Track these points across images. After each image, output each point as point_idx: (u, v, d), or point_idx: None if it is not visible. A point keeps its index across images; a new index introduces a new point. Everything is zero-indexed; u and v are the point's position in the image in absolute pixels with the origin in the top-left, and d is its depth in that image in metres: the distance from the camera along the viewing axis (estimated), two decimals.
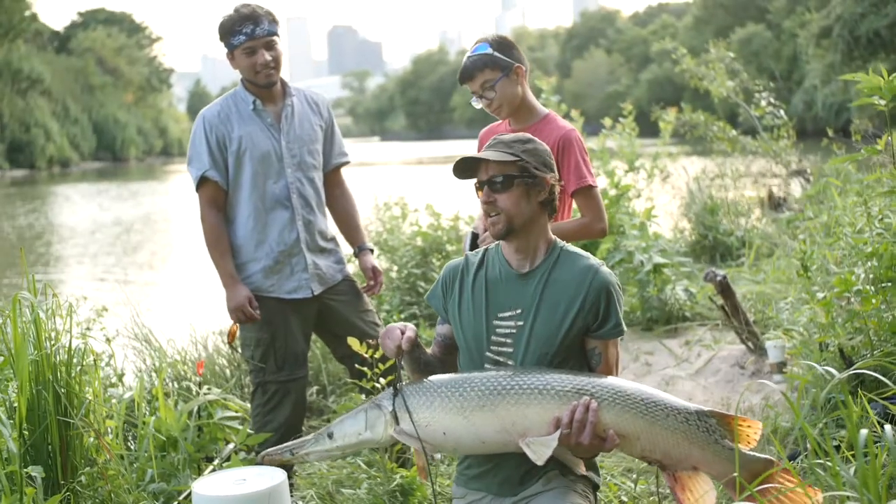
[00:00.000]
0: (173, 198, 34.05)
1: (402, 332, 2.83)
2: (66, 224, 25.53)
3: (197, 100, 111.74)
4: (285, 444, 2.93)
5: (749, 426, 2.66)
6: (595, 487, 2.94)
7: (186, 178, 4.31)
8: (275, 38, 4.15)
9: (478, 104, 3.99)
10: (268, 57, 4.11)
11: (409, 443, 2.76)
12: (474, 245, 4.03)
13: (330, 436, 2.84)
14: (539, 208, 2.87)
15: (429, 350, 3.03)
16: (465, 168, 2.92)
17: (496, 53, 3.92)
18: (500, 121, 4.14)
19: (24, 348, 3.67)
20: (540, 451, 2.60)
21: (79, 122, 74.30)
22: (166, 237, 22.80)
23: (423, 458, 2.88)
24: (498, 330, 2.88)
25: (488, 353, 2.88)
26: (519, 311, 2.86)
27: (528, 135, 2.95)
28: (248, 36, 4.08)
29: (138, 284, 13.93)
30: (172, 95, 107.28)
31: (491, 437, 2.70)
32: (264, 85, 4.16)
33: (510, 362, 2.85)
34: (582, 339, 2.87)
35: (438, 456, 4.24)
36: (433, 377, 2.83)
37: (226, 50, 4.18)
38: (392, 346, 2.82)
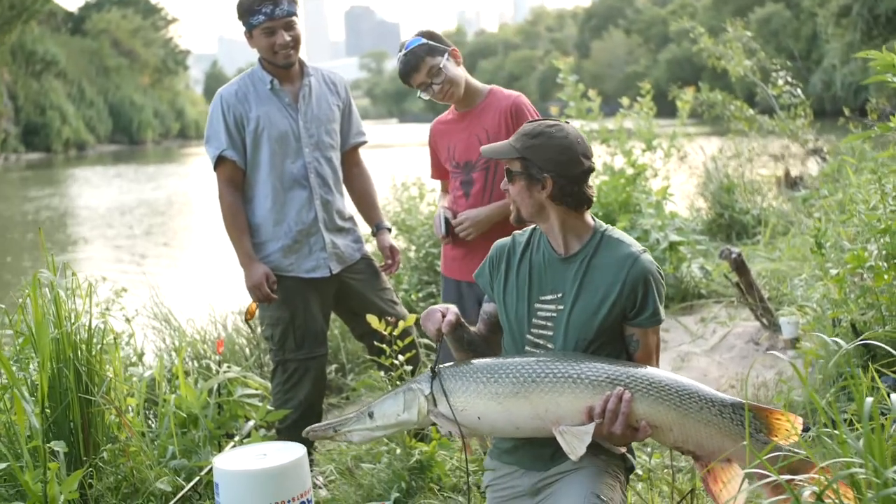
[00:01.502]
0: (192, 180, 34.14)
1: (444, 315, 2.85)
2: (85, 206, 25.67)
3: (214, 81, 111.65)
4: (329, 422, 2.98)
5: (787, 420, 2.61)
6: (629, 469, 2.94)
7: (204, 160, 4.35)
8: (294, 18, 4.17)
9: (426, 95, 4.13)
10: (287, 37, 4.14)
11: (445, 425, 2.79)
12: (448, 228, 4.12)
13: (370, 415, 2.88)
14: (549, 201, 2.84)
15: (473, 328, 3.03)
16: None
17: (430, 42, 4.07)
18: (447, 111, 4.28)
19: (45, 326, 3.72)
20: (573, 443, 2.62)
21: (94, 104, 74.22)
22: (185, 219, 22.91)
23: (472, 439, 2.91)
24: (539, 313, 2.88)
25: (529, 336, 2.89)
26: (560, 294, 2.86)
27: (545, 127, 2.88)
28: (267, 16, 4.10)
29: (158, 265, 14.02)
30: (189, 77, 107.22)
31: (525, 423, 2.72)
32: (283, 65, 4.20)
33: (550, 346, 2.86)
34: (621, 326, 2.86)
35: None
36: (471, 361, 2.84)
37: (244, 29, 4.21)
38: (433, 328, 2.85)
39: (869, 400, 2.23)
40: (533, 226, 3.00)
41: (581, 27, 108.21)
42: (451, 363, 2.87)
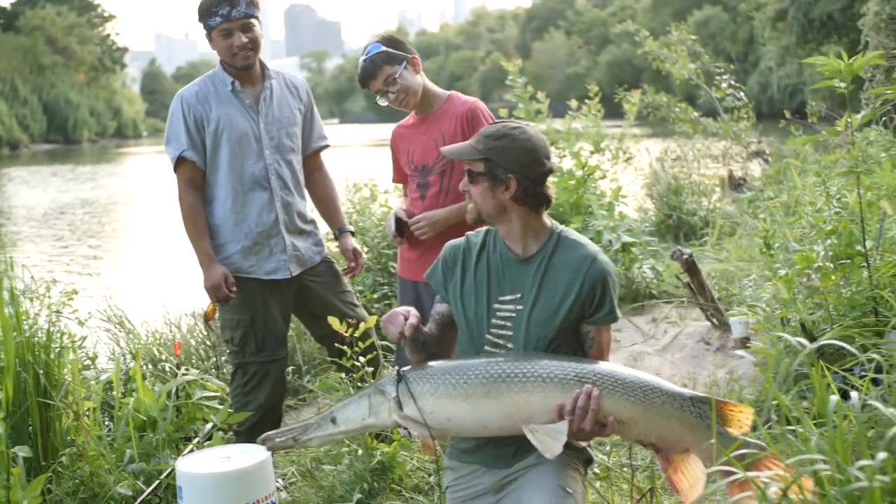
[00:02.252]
0: (131, 180, 33.73)
1: (406, 318, 2.86)
2: (22, 206, 25.22)
3: (151, 80, 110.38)
4: (288, 428, 2.96)
5: (741, 411, 2.72)
6: (587, 462, 3.01)
7: (143, 159, 4.35)
8: (252, 20, 4.15)
9: (383, 101, 4.23)
10: (244, 39, 4.12)
11: (413, 428, 2.79)
12: (399, 228, 4.16)
13: (333, 420, 2.88)
14: (511, 202, 2.88)
15: (426, 329, 3.04)
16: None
17: (390, 49, 4.13)
18: (408, 116, 4.34)
19: (9, 330, 3.69)
20: (548, 442, 2.65)
21: (28, 102, 72.73)
22: (130, 219, 22.61)
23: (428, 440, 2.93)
24: (498, 313, 2.92)
25: (488, 336, 2.93)
26: (519, 295, 2.91)
27: (508, 129, 2.92)
28: (224, 18, 4.09)
29: (106, 267, 13.83)
30: (126, 75, 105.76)
31: (494, 423, 2.75)
32: (241, 67, 4.19)
33: (510, 345, 2.90)
34: (576, 323, 2.92)
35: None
36: (435, 363, 2.86)
37: (204, 32, 4.20)
38: (395, 331, 2.85)
39: (834, 398, 2.30)
40: (487, 227, 3.04)
41: (522, 28, 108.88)
42: (414, 366, 2.88)
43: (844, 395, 2.66)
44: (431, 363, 2.86)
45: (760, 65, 47.60)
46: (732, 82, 11.50)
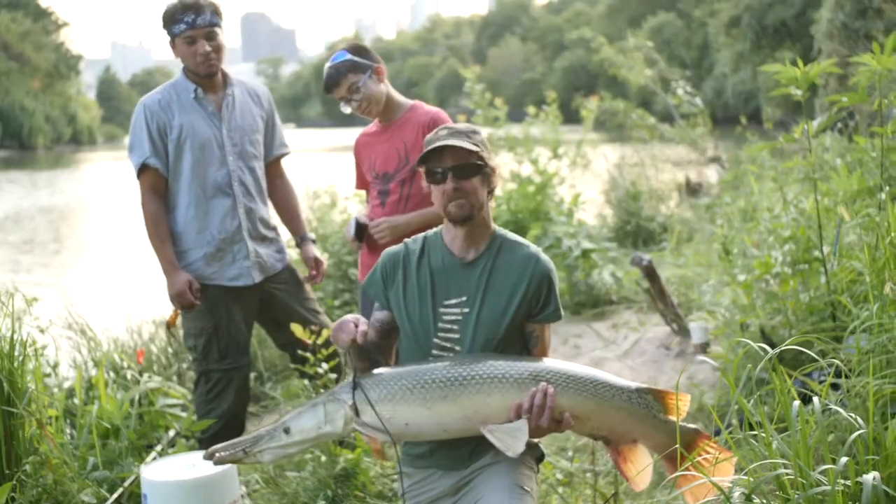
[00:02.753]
0: (89, 186, 33.38)
1: (356, 325, 2.85)
2: None
3: (107, 87, 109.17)
4: (237, 441, 2.83)
5: (679, 399, 2.85)
6: (540, 459, 3.06)
7: (99, 166, 4.33)
8: (216, 29, 4.16)
9: (347, 109, 4.25)
10: (207, 48, 4.13)
11: (372, 434, 2.79)
12: (359, 232, 4.19)
13: (286, 430, 2.81)
14: (488, 197, 2.95)
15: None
16: (428, 157, 2.94)
17: (356, 58, 4.17)
18: (371, 124, 4.37)
19: None
20: (508, 441, 2.69)
21: None
22: (88, 226, 22.35)
23: (383, 445, 2.93)
24: (444, 317, 2.94)
25: (435, 340, 2.94)
26: (464, 298, 2.93)
27: (472, 127, 3.00)
28: (188, 25, 4.09)
29: (66, 274, 13.67)
30: (81, 82, 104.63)
31: (453, 426, 2.77)
32: (204, 75, 4.18)
33: (457, 348, 2.92)
34: (521, 323, 2.96)
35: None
36: (388, 369, 2.86)
37: (168, 38, 4.19)
38: (346, 338, 2.83)
39: (796, 404, 2.34)
40: (424, 233, 3.07)
41: (478, 34, 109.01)
42: (366, 373, 2.86)
43: (804, 400, 2.71)
44: (383, 370, 2.87)
45: (715, 70, 48.02)
46: (688, 89, 11.61)
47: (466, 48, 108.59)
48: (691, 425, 2.88)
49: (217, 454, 2.78)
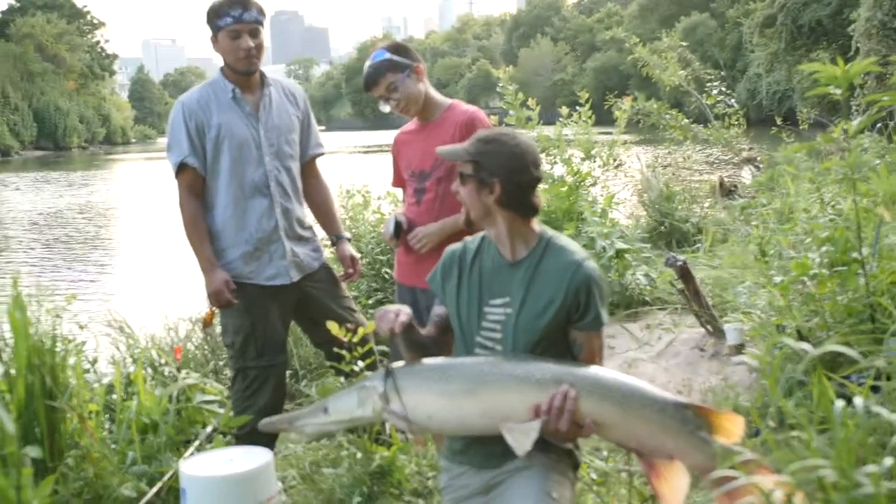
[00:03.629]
0: (123, 185, 33.71)
1: (397, 315, 2.89)
2: (21, 212, 25.21)
3: (139, 87, 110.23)
4: (284, 415, 3.05)
5: (729, 420, 2.70)
6: (576, 466, 3.02)
7: (133, 165, 4.37)
8: (260, 27, 4.19)
9: (385, 107, 4.27)
10: (251, 43, 4.16)
11: (396, 423, 2.84)
12: (397, 231, 4.20)
13: (325, 410, 2.92)
14: (496, 205, 2.91)
15: (424, 330, 3.08)
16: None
17: (395, 57, 4.18)
18: (410, 122, 4.39)
19: (22, 334, 3.73)
20: (520, 439, 2.67)
21: (19, 109, 73.09)
22: (124, 225, 22.57)
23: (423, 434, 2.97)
24: (488, 317, 2.95)
25: (479, 339, 2.96)
26: (507, 299, 2.93)
27: (498, 134, 2.97)
28: (235, 19, 4.12)
29: (103, 271, 13.80)
30: (115, 82, 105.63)
31: (473, 422, 2.78)
32: (244, 71, 4.21)
33: (499, 348, 2.92)
34: (565, 329, 2.94)
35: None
36: (423, 361, 2.91)
37: (210, 34, 4.22)
38: (385, 327, 2.89)
39: (839, 404, 2.32)
40: (483, 232, 3.07)
41: (508, 35, 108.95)
42: (406, 363, 2.91)
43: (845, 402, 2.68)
44: (423, 361, 2.91)
45: (749, 71, 47.77)
46: (723, 89, 11.55)
47: (497, 48, 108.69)
48: (746, 451, 2.62)
49: (269, 424, 3.01)
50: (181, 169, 4.21)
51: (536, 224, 3.00)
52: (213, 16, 4.18)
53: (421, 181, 4.25)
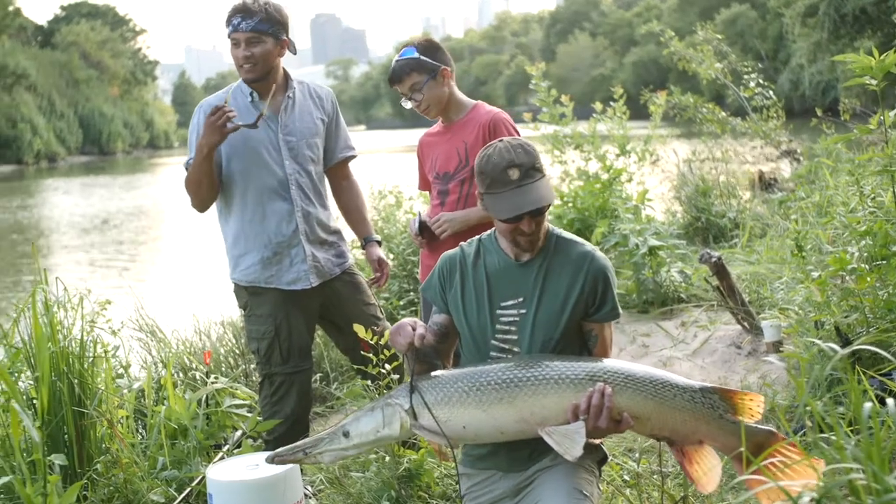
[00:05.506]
0: (165, 190, 34.06)
1: (414, 329, 2.87)
2: (62, 216, 25.56)
3: (182, 92, 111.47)
4: (298, 444, 2.93)
5: (751, 399, 2.79)
6: (602, 461, 3.04)
7: (176, 169, 4.36)
8: (263, 35, 4.09)
9: (407, 104, 4.26)
10: (245, 52, 4.10)
11: (430, 438, 2.83)
12: (422, 228, 4.20)
13: (346, 434, 2.87)
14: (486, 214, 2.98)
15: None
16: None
17: (422, 57, 4.16)
18: (435, 124, 4.38)
19: (45, 341, 3.74)
20: (565, 444, 2.67)
21: (65, 116, 74.22)
22: (161, 229, 22.78)
23: (441, 445, 2.93)
24: (501, 318, 2.95)
25: (493, 342, 2.95)
26: (521, 299, 2.94)
27: (527, 144, 2.92)
28: (233, 28, 4.10)
29: (138, 275, 13.94)
30: (157, 88, 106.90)
31: (510, 428, 2.77)
32: (245, 80, 4.18)
33: (515, 349, 2.93)
34: (579, 323, 2.96)
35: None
36: (444, 372, 2.88)
37: None
38: (404, 342, 2.86)
39: (868, 405, 2.25)
40: (478, 236, 3.09)
41: (546, 31, 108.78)
42: (423, 376, 2.89)
43: (882, 402, 2.61)
44: (440, 372, 2.89)
45: (791, 62, 47.21)
46: (761, 81, 11.40)
47: (535, 45, 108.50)
48: (764, 426, 2.81)
49: (278, 458, 2.91)
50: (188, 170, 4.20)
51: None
52: (225, 24, 4.18)
53: (445, 183, 4.25)
